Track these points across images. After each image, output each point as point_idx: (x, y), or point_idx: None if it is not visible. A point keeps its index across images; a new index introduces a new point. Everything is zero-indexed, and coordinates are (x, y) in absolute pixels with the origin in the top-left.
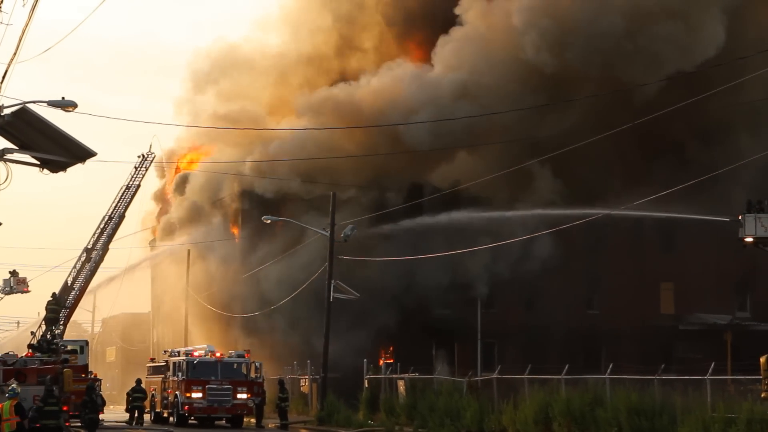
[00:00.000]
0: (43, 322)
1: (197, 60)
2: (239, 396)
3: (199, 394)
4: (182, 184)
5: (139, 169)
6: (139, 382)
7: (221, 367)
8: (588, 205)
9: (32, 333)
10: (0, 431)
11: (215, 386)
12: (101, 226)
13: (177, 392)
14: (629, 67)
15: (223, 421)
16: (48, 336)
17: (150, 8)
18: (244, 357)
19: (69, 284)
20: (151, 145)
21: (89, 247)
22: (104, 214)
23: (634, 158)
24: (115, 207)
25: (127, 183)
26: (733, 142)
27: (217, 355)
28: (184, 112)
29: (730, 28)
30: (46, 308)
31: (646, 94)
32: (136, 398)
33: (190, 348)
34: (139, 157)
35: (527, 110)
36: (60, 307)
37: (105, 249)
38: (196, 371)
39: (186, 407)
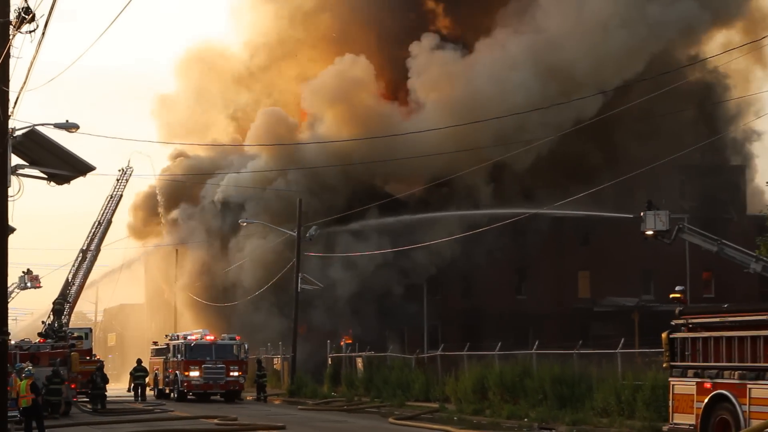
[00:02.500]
0: (52, 314)
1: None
2: (232, 374)
3: (197, 373)
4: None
5: (120, 180)
6: (139, 362)
7: (215, 349)
8: (517, 206)
9: (43, 322)
10: (18, 407)
11: (210, 365)
12: (92, 230)
13: (177, 371)
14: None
15: (218, 396)
16: (55, 325)
17: (143, 41)
18: (235, 340)
19: (69, 280)
20: (129, 160)
21: (84, 248)
22: (94, 219)
23: (569, 163)
24: (103, 213)
25: (111, 193)
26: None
27: (212, 338)
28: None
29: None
30: (54, 303)
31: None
32: (138, 377)
33: (188, 332)
34: (119, 170)
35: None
36: (65, 300)
37: (97, 249)
38: (194, 353)
39: (185, 384)
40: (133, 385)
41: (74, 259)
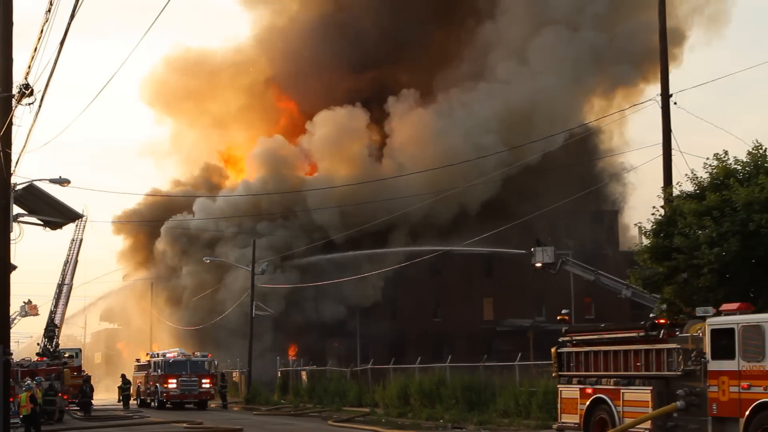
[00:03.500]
0: (44, 338)
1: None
2: (204, 386)
3: (174, 385)
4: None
5: (79, 226)
6: (124, 376)
7: (190, 364)
8: (435, 243)
9: (38, 344)
10: (18, 415)
11: (186, 378)
12: (63, 269)
13: (157, 384)
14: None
15: (192, 405)
16: (49, 348)
17: (122, 114)
18: (207, 357)
19: (52, 309)
20: (83, 210)
21: (60, 283)
22: (64, 259)
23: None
24: (69, 254)
25: (72, 237)
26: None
27: (187, 355)
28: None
29: None
30: (45, 329)
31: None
32: (124, 389)
33: (166, 350)
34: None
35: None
36: (55, 326)
37: (70, 284)
38: (171, 368)
39: (164, 395)
40: (121, 396)
41: (54, 292)
